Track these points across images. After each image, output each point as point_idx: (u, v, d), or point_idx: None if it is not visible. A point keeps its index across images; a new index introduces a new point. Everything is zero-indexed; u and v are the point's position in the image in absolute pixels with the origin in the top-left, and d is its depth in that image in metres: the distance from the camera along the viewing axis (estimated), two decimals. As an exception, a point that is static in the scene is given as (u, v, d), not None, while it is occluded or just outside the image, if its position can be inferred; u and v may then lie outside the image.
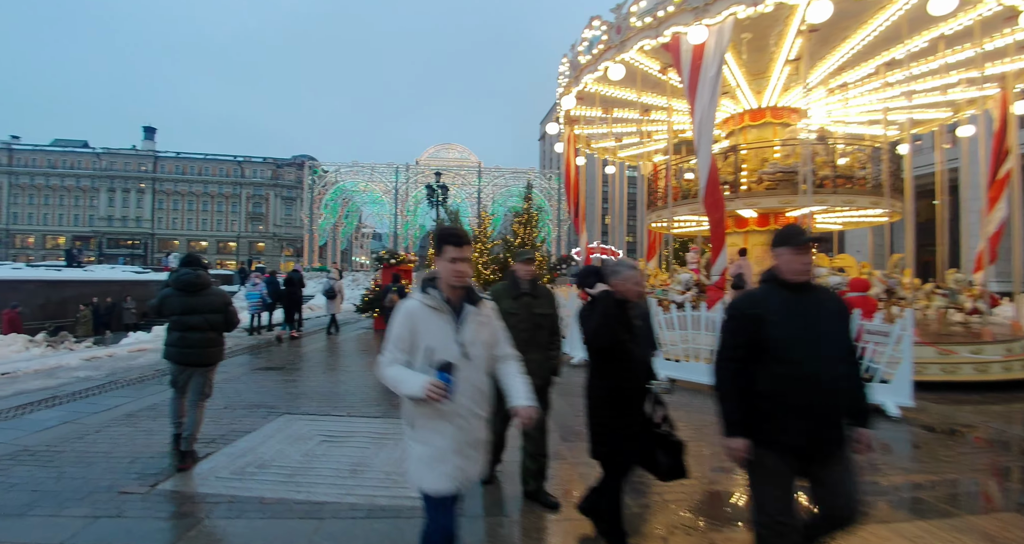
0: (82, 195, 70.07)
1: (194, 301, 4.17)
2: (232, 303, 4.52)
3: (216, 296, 4.34)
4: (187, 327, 4.15)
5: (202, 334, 4.19)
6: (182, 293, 4.19)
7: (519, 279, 3.39)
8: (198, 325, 4.16)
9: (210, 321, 4.21)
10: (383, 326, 13.28)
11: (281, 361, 8.68)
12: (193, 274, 4.22)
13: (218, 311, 4.26)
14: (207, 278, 4.30)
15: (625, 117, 14.39)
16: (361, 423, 5.17)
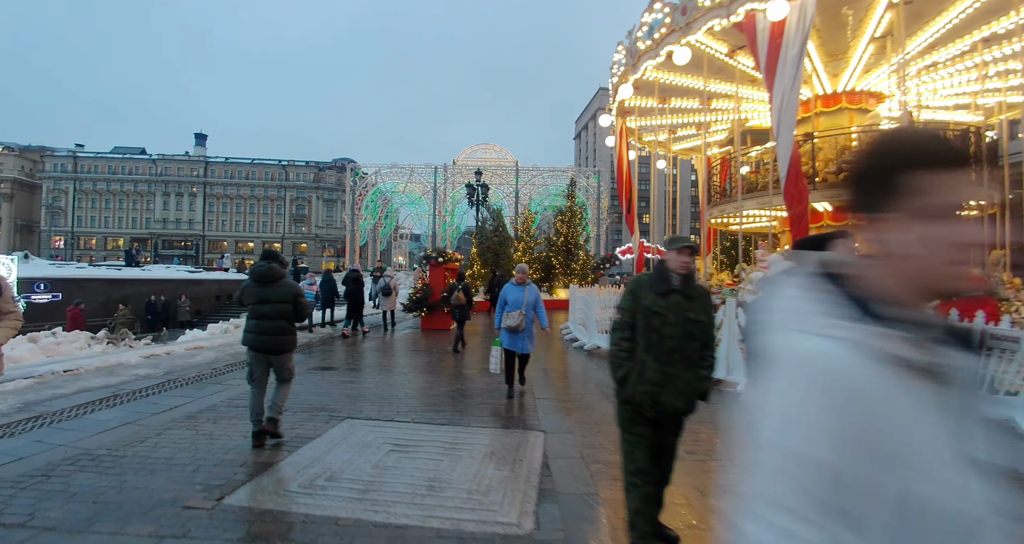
0: (139, 199, 73.56)
1: (266, 292, 4.41)
2: (302, 295, 4.62)
3: (287, 288, 4.51)
4: (260, 315, 4.40)
5: (273, 323, 4.41)
6: (257, 284, 4.46)
7: (669, 272, 2.67)
8: (269, 314, 4.39)
9: (280, 311, 4.41)
10: (431, 325, 13.09)
11: (336, 360, 8.43)
12: (266, 266, 4.46)
13: (287, 302, 4.44)
14: (280, 271, 4.50)
15: (683, 107, 13.65)
16: (428, 431, 4.77)
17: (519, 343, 6.04)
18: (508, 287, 6.22)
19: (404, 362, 8.54)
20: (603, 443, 4.54)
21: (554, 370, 8.03)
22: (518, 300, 6.04)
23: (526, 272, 6.38)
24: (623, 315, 2.73)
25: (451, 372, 7.77)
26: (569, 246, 22.64)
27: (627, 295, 2.75)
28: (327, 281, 12.49)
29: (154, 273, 25.30)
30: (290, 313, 4.48)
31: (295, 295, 4.51)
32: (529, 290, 6.13)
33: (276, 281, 4.46)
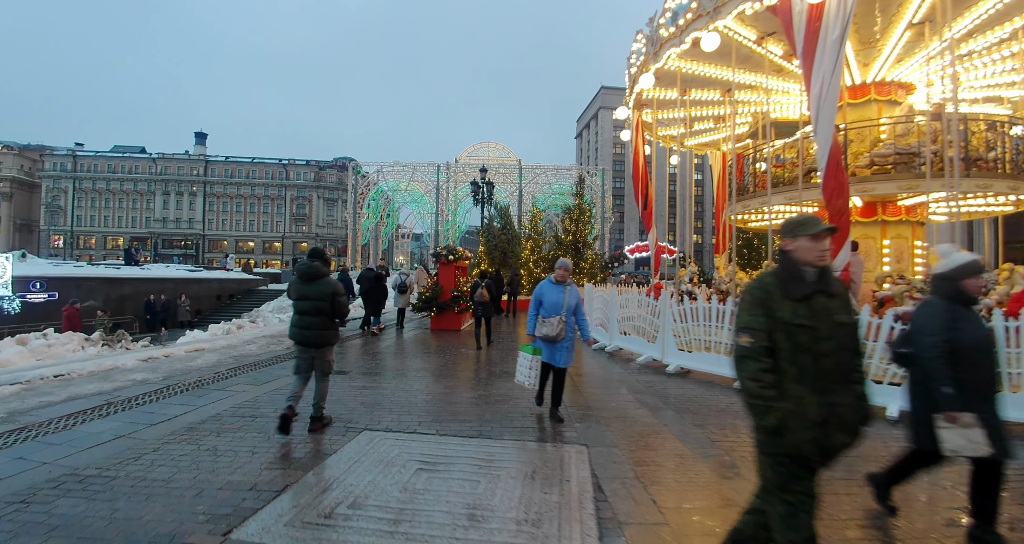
0: (139, 198, 73.19)
1: (307, 289, 4.62)
2: (341, 294, 4.73)
3: (326, 286, 4.65)
4: (301, 311, 4.63)
5: (312, 318, 4.60)
6: (300, 281, 4.67)
7: (802, 267, 2.11)
8: (309, 310, 4.60)
9: (319, 307, 4.59)
10: (441, 325, 12.55)
11: (348, 363, 7.93)
12: (307, 264, 4.67)
13: (325, 299, 4.59)
14: (322, 269, 4.70)
15: (703, 99, 13.14)
16: (456, 445, 4.27)
17: (557, 355, 4.98)
18: (545, 287, 5.09)
19: (419, 365, 8.04)
20: (656, 460, 4.04)
21: (578, 374, 7.53)
22: (556, 303, 4.96)
23: (568, 269, 5.17)
24: (755, 337, 2.06)
25: (471, 376, 7.28)
26: (578, 244, 22.13)
27: (754, 308, 2.10)
28: (343, 280, 11.86)
29: (153, 272, 24.82)
30: (328, 310, 4.63)
31: (333, 294, 4.63)
32: (570, 291, 5.02)
33: (318, 279, 4.65)
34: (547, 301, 5.02)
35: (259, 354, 8.35)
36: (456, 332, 12.30)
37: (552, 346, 4.98)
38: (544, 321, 4.94)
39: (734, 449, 4.29)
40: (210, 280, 27.38)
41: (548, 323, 4.91)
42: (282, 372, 7.03)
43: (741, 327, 2.13)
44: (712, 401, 5.97)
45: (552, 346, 4.98)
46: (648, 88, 11.98)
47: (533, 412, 5.31)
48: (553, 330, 4.88)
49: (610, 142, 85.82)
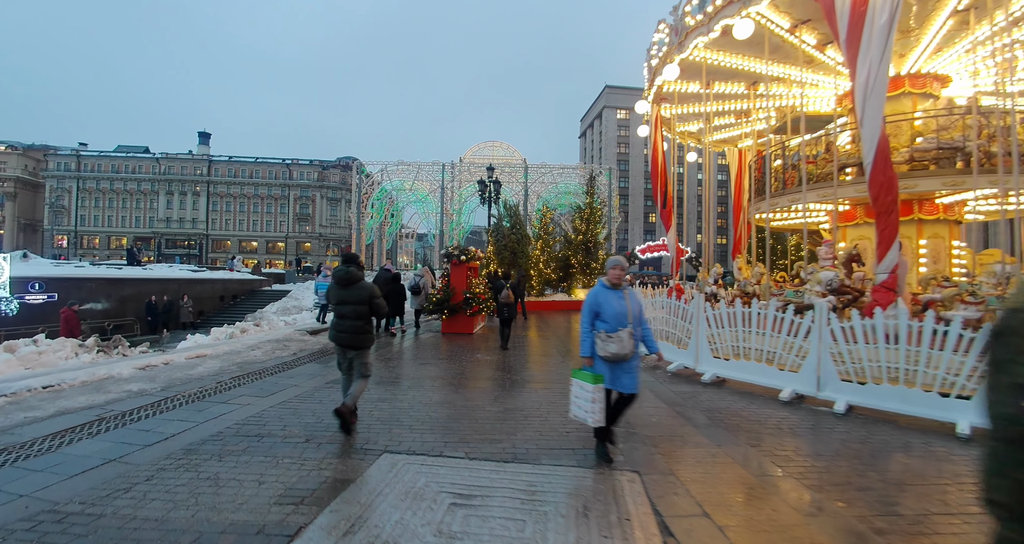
0: (143, 198, 73.02)
1: (345, 293, 4.78)
2: (378, 295, 4.86)
3: (363, 290, 4.80)
4: (340, 315, 4.80)
5: (351, 321, 4.74)
6: (338, 286, 4.82)
7: None
8: (348, 314, 4.75)
9: (357, 311, 4.74)
10: (453, 329, 12.05)
11: None
12: (345, 270, 4.82)
13: (364, 303, 4.76)
14: (358, 274, 4.84)
15: (727, 93, 12.60)
16: (491, 471, 3.76)
17: (624, 378, 4.01)
18: (600, 294, 4.11)
19: (436, 373, 7.52)
20: (722, 491, 3.52)
21: (607, 383, 7.01)
22: (620, 312, 3.99)
23: (625, 268, 4.21)
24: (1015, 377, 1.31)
25: (493, 385, 6.76)
26: (588, 245, 21.60)
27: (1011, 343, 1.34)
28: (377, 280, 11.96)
29: (156, 272, 24.39)
30: (366, 313, 4.78)
31: (370, 297, 4.79)
32: (630, 296, 4.13)
33: (354, 283, 4.79)
34: (608, 311, 4.01)
35: (264, 361, 7.87)
36: (468, 335, 11.79)
37: (617, 367, 4.01)
38: (609, 337, 3.94)
39: (804, 477, 3.77)
40: (213, 281, 26.94)
41: (615, 339, 3.92)
42: (289, 381, 6.54)
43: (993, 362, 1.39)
44: (760, 416, 5.44)
45: (617, 367, 4.01)
46: (671, 80, 11.41)
47: (569, 429, 4.80)
48: (623, 347, 3.92)
49: (614, 141, 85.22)
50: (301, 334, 10.22)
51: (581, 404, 3.99)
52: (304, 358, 8.22)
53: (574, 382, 4.10)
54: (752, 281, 11.61)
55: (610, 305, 4.04)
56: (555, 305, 20.25)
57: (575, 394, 4.08)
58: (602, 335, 3.97)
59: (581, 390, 4.01)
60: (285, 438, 4.34)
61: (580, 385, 4.03)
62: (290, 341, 9.53)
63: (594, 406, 3.88)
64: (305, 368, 7.48)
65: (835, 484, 3.69)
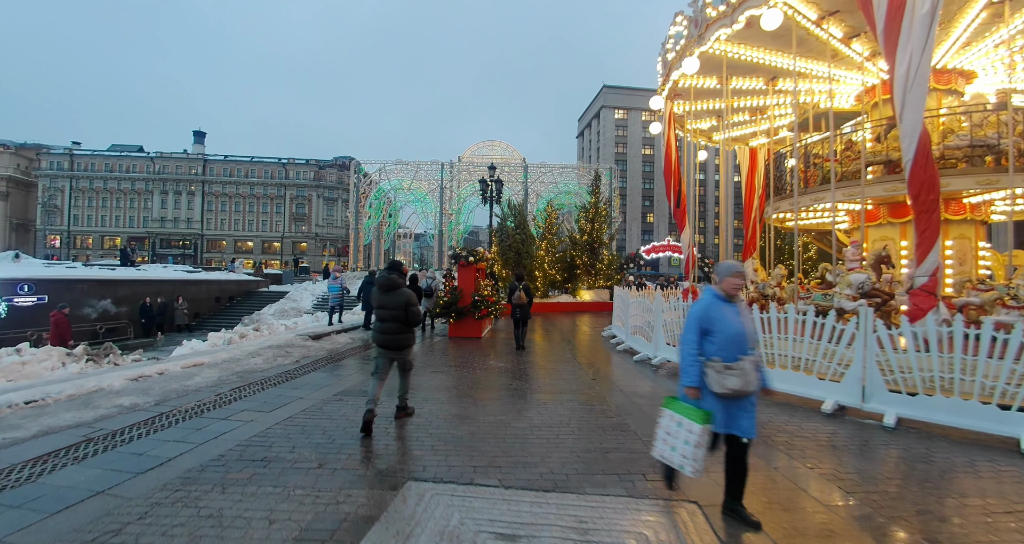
0: (137, 197, 72.25)
1: (385, 298, 5.02)
2: (413, 303, 5.05)
3: (401, 296, 5.02)
4: (381, 318, 5.04)
5: (392, 324, 4.99)
6: (380, 291, 5.07)
7: None
8: (387, 318, 5.00)
9: (395, 316, 4.99)
10: (460, 333, 11.59)
11: (370, 382, 6.96)
12: (386, 277, 5.10)
13: (400, 308, 4.97)
14: (398, 281, 5.11)
15: (744, 88, 12.18)
16: (532, 503, 3.32)
17: (740, 419, 3.11)
18: (712, 305, 3.20)
19: (449, 382, 7.08)
20: (797, 527, 3.08)
21: (633, 392, 6.58)
22: (739, 333, 3.10)
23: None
24: None
25: (515, 397, 6.31)
26: (593, 245, 21.19)
27: None
28: (369, 283, 12.25)
29: (150, 273, 23.81)
30: (402, 317, 5.01)
31: (406, 304, 4.99)
32: (744, 310, 3.25)
33: (395, 290, 5.05)
34: (724, 331, 3.09)
35: (265, 369, 7.39)
36: (477, 340, 11.35)
37: (733, 404, 3.10)
38: (728, 368, 3.02)
39: (880, 506, 3.35)
40: (209, 282, 26.34)
41: (737, 371, 3.01)
42: (293, 393, 6.07)
43: None
44: (807, 431, 5.03)
45: (733, 404, 3.10)
46: (690, 74, 10.98)
47: (609, 447, 4.36)
48: (748, 382, 3.02)
49: (612, 141, 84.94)
50: (303, 339, 9.75)
51: (676, 445, 3.15)
52: (308, 366, 7.75)
53: (667, 415, 3.26)
54: (771, 283, 11.20)
55: (726, 323, 3.11)
56: (560, 307, 19.83)
57: (667, 430, 3.23)
58: (717, 364, 3.05)
59: (678, 427, 3.15)
60: (295, 463, 3.89)
61: (678, 421, 3.16)
62: (292, 347, 9.06)
63: (696, 451, 3.06)
64: (310, 377, 7.01)
65: (916, 514, 3.27)
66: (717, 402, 3.12)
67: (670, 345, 8.62)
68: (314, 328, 11.90)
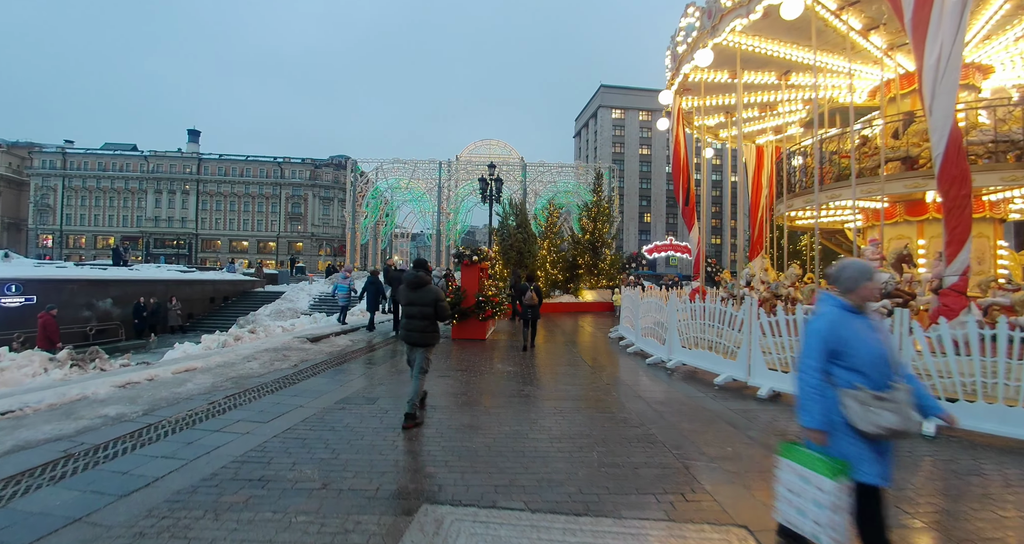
0: (130, 196, 71.52)
1: (414, 295, 5.21)
2: (442, 299, 5.29)
3: (430, 293, 5.23)
4: (409, 315, 5.23)
5: (419, 321, 5.19)
6: (408, 289, 5.25)
7: None
8: (415, 314, 5.20)
9: (423, 312, 5.18)
10: (464, 335, 11.19)
11: (374, 388, 6.59)
12: (414, 274, 5.31)
13: (429, 305, 5.18)
14: (425, 278, 5.30)
15: (756, 83, 11.87)
16: (564, 529, 2.95)
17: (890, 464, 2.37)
18: (840, 319, 2.41)
19: (457, 387, 6.71)
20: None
21: (657, 401, 6.23)
22: (881, 355, 2.36)
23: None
24: None
25: (528, 404, 5.95)
26: (596, 244, 20.85)
27: None
28: (372, 283, 12.13)
29: (143, 273, 23.31)
30: (432, 314, 5.20)
31: (435, 300, 5.20)
32: (880, 326, 2.49)
33: (422, 287, 5.25)
34: (861, 351, 2.35)
35: (262, 374, 7.01)
36: (481, 342, 10.99)
37: (883, 449, 2.34)
38: (878, 397, 2.24)
39: (944, 527, 3.02)
40: (203, 282, 25.82)
41: (890, 400, 2.23)
42: (293, 401, 5.70)
43: None
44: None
45: (883, 449, 2.34)
46: (704, 66, 10.65)
47: (636, 463, 4.01)
48: (905, 418, 2.23)
49: (609, 141, 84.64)
50: (301, 342, 9.36)
51: (805, 507, 2.32)
52: (307, 371, 7.37)
53: (787, 467, 2.43)
54: (785, 283, 10.89)
55: (864, 342, 2.36)
56: (563, 307, 19.49)
57: (789, 487, 2.40)
58: (862, 394, 2.27)
59: (804, 484, 2.33)
60: (296, 483, 3.52)
61: (803, 475, 2.34)
62: (290, 350, 8.67)
63: (834, 517, 2.22)
64: (310, 383, 6.63)
65: (985, 541, 2.94)
66: (866, 447, 2.30)
67: (686, 348, 8.31)
68: (312, 330, 11.50)
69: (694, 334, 8.15)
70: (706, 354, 7.69)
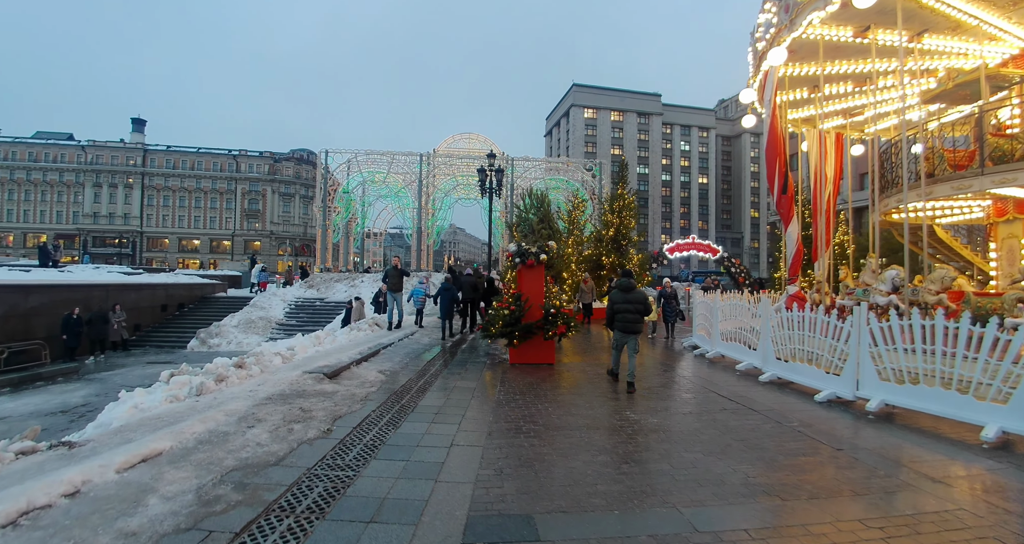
0: (66, 190, 64.89)
1: (629, 296, 6.96)
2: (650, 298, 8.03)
3: (640, 293, 7.10)
4: (623, 311, 6.95)
5: (633, 316, 6.95)
6: (621, 291, 7.02)
7: None
8: (630, 310, 6.92)
9: (636, 308, 6.95)
10: (525, 358, 8.21)
11: (463, 406, 3.81)
12: (628, 281, 7.09)
13: (642, 302, 7.02)
14: (633, 283, 7.13)
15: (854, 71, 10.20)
16: None
17: None
18: None
19: (584, 471, 3.99)
20: None
21: (808, 425, 3.71)
22: None
23: None
24: None
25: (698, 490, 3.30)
26: (620, 241, 18.43)
27: None
28: (447, 290, 11.38)
29: (76, 276, 19.24)
30: (643, 310, 7.05)
31: (645, 299, 7.14)
32: None
33: (633, 290, 7.04)
34: None
35: (280, 457, 4.01)
36: (550, 367, 8.27)
37: None
38: None
39: None
40: (153, 286, 21.82)
41: None
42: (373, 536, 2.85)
43: None
44: None
45: None
46: (778, 65, 9.41)
47: None
48: None
49: (582, 140, 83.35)
50: (316, 380, 6.37)
51: None
52: (353, 440, 4.46)
53: None
54: (931, 288, 8.68)
55: None
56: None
57: None
58: None
59: None
60: None
61: None
62: (305, 397, 5.70)
63: None
64: (371, 476, 3.74)
65: None
66: None
67: (780, 360, 7.52)
68: (322, 356, 8.41)
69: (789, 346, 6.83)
70: (799, 366, 6.93)
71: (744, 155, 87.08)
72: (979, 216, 11.44)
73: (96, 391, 11.40)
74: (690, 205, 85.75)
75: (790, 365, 7.29)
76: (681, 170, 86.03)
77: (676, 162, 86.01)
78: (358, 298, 16.27)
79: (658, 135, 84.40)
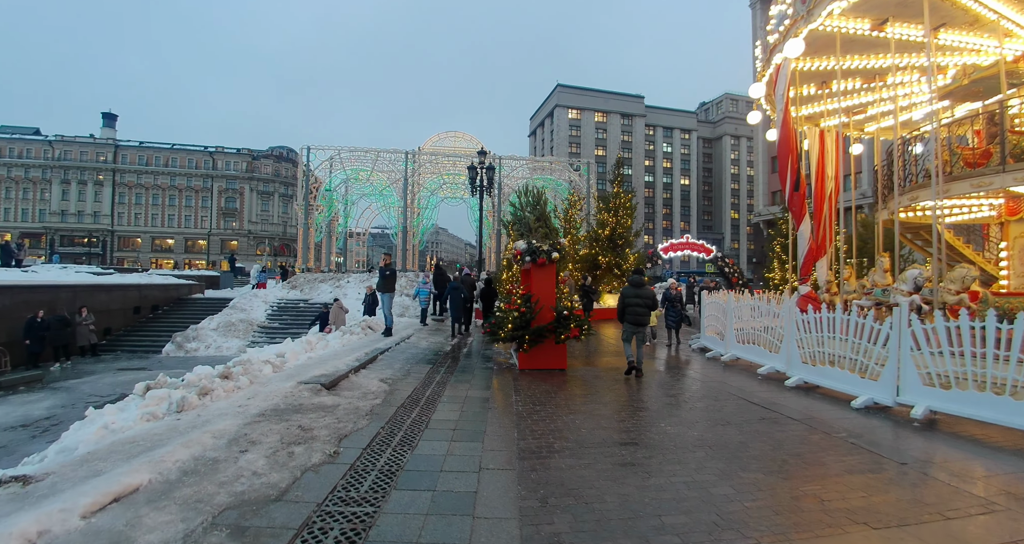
0: (32, 187, 62.18)
1: (638, 291, 7.77)
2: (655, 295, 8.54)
3: (647, 289, 7.98)
4: (634, 305, 7.73)
5: (643, 309, 7.73)
6: (633, 287, 7.87)
7: None
8: (639, 304, 7.72)
9: (645, 303, 7.76)
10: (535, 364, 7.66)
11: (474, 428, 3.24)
12: (638, 278, 7.93)
13: (650, 298, 7.90)
14: (643, 280, 7.97)
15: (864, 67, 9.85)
16: None
17: None
18: None
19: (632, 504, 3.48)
20: None
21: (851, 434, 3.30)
22: None
23: None
24: None
25: None
26: (616, 241, 18.01)
27: None
28: (456, 289, 11.54)
29: (41, 276, 18.05)
30: (651, 304, 7.92)
31: (652, 295, 8.04)
32: None
33: (642, 286, 7.85)
34: None
35: (282, 491, 3.33)
36: (562, 373, 7.73)
37: None
38: None
39: None
40: (125, 287, 20.63)
41: None
42: None
43: None
44: None
45: None
46: (793, 57, 8.99)
47: None
48: None
49: (566, 141, 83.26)
50: (313, 391, 5.72)
51: None
52: (366, 465, 3.86)
53: None
54: (952, 288, 8.40)
55: None
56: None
57: None
58: None
59: None
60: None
61: None
62: (303, 413, 5.05)
63: None
64: (392, 524, 3.13)
65: None
66: None
67: (806, 364, 7.14)
68: (315, 363, 7.74)
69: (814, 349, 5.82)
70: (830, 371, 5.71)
71: (724, 157, 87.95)
72: (987, 215, 11.27)
73: (62, 401, 10.48)
74: (672, 206, 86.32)
75: (818, 369, 6.91)
76: (664, 171, 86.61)
77: (659, 163, 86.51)
78: (336, 300, 15.55)
79: (641, 136, 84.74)
